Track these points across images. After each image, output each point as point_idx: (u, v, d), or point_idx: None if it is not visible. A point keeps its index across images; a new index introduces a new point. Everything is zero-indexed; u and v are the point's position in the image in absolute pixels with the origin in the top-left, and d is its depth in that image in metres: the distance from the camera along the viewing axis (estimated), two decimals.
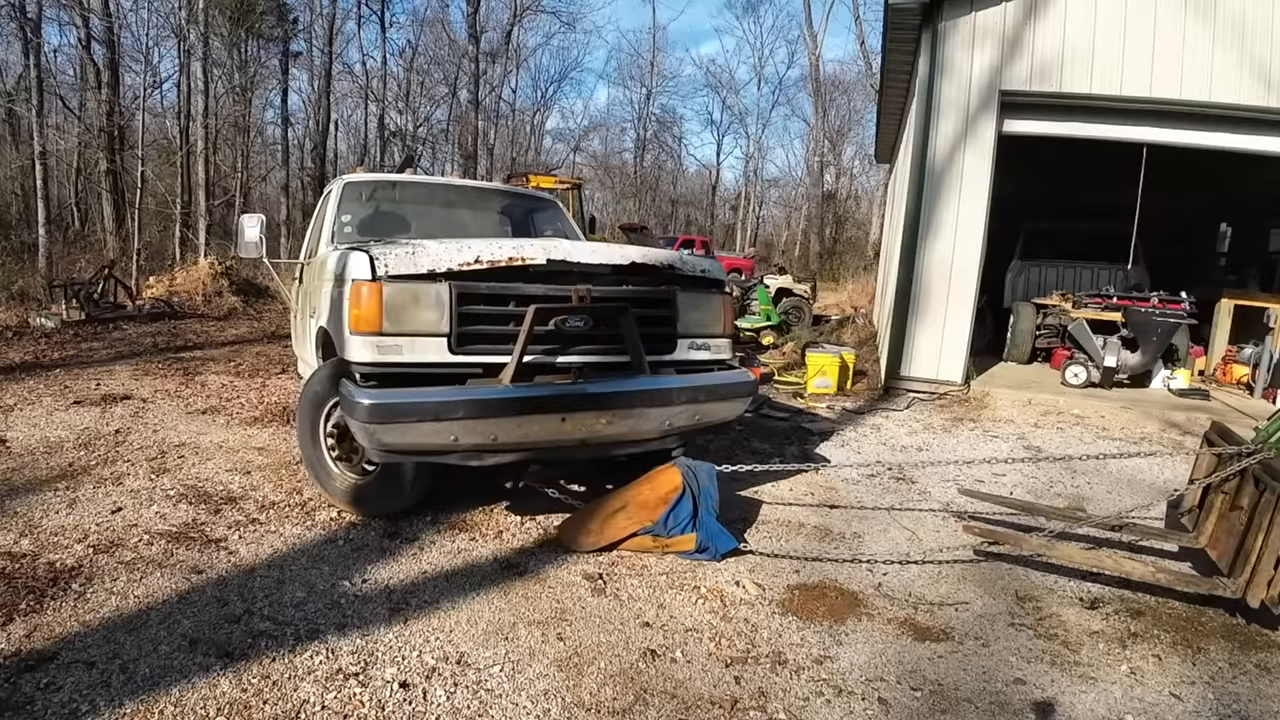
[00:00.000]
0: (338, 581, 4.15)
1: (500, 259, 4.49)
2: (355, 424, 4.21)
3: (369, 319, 4.27)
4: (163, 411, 7.65)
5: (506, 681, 3.30)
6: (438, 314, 4.36)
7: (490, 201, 7.75)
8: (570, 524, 4.83)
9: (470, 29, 37.66)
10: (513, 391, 4.40)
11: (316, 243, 6.74)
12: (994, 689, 3.43)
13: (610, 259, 4.82)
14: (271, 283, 19.15)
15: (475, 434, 4.32)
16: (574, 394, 4.52)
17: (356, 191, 6.84)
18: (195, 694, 3.10)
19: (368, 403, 4.08)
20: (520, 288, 4.54)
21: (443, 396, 4.26)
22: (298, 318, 7.08)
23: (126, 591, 3.92)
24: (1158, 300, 11.14)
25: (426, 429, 4.21)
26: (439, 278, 4.37)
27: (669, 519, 4.59)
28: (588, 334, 4.72)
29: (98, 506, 5.06)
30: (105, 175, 25.23)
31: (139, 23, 26.80)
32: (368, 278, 4.28)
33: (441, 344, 4.40)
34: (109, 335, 12.76)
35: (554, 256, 4.59)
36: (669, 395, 4.84)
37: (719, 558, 4.59)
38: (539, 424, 4.47)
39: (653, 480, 4.72)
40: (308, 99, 36.34)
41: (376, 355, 4.31)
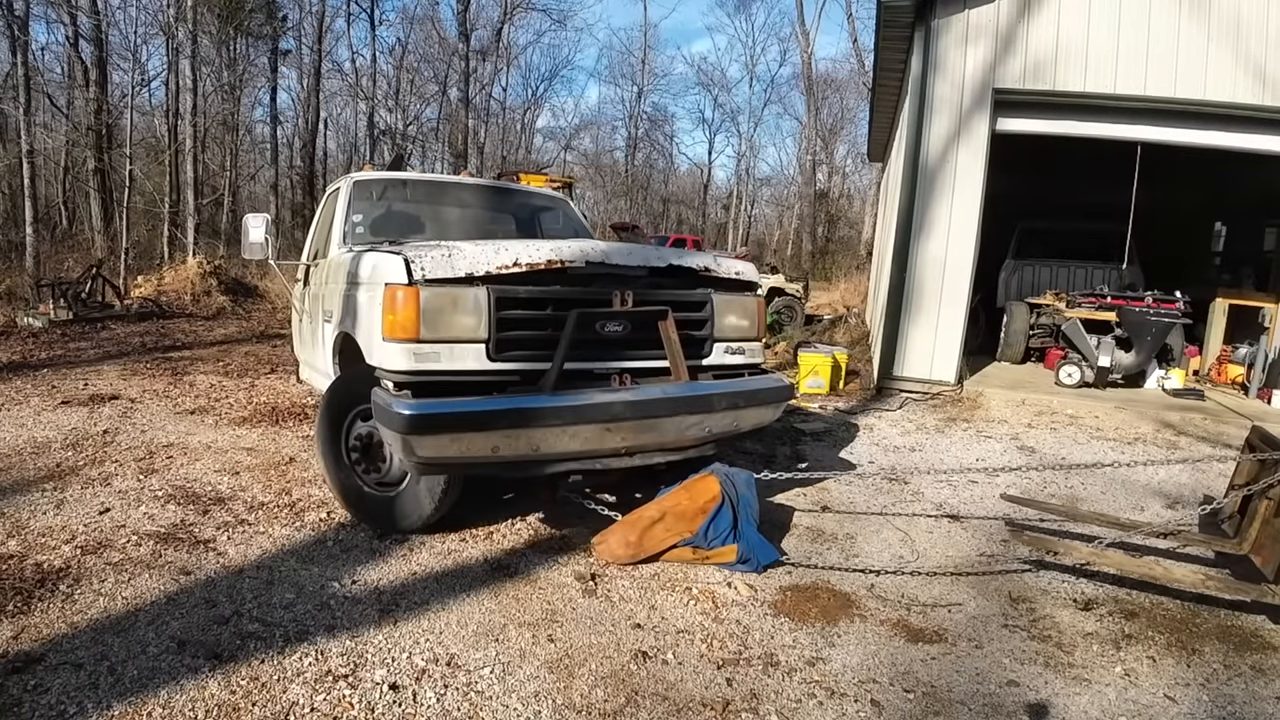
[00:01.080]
0: (327, 583, 4.13)
1: (539, 262, 4.34)
2: (392, 436, 4.03)
3: (405, 325, 4.10)
4: (151, 412, 7.62)
5: (497, 683, 3.29)
6: (476, 319, 4.20)
7: (503, 200, 7.55)
8: (607, 536, 4.64)
9: (460, 26, 37.69)
10: (558, 400, 4.25)
11: (324, 243, 6.47)
12: (987, 691, 3.42)
13: (648, 261, 4.71)
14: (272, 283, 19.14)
15: (517, 445, 4.17)
16: (618, 402, 4.38)
17: (367, 190, 6.59)
18: (184, 696, 3.08)
19: (408, 413, 3.89)
20: (559, 291, 4.41)
21: (486, 406, 4.10)
22: (303, 321, 6.88)
23: (114, 593, 3.90)
24: (1152, 300, 11.13)
25: (468, 440, 4.07)
26: (476, 281, 4.22)
27: (709, 530, 4.49)
28: (626, 339, 4.62)
29: (85, 507, 5.04)
30: (93, 174, 25.10)
31: (127, 20, 26.64)
32: (403, 281, 4.12)
33: (480, 351, 4.24)
34: (97, 335, 12.73)
35: (593, 259, 4.48)
36: (710, 402, 4.73)
37: (760, 569, 4.48)
38: (582, 433, 4.31)
39: (690, 489, 4.62)
40: (297, 97, 36.33)
41: (413, 363, 4.13)
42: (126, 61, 26.50)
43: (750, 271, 5.34)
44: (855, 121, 47.64)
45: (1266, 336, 10.95)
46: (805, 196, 47.32)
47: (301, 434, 7.05)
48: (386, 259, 4.31)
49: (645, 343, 4.70)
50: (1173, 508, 6.10)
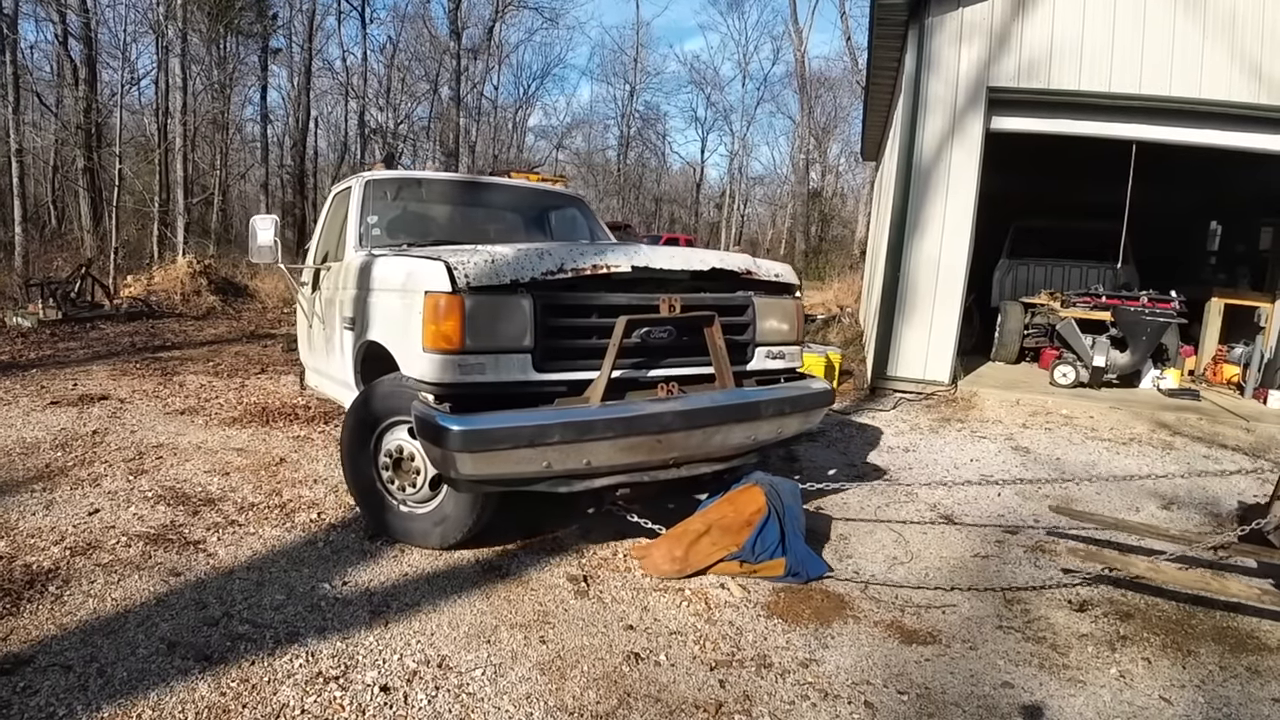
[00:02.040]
0: (318, 584, 4.12)
1: (584, 267, 4.20)
2: (440, 452, 3.84)
3: (448, 335, 3.93)
4: (140, 412, 7.59)
5: (488, 685, 3.28)
6: (522, 328, 4.05)
7: (520, 199, 7.24)
8: (651, 550, 4.57)
9: (452, 25, 37.52)
10: (611, 412, 4.11)
11: (336, 246, 6.20)
12: (982, 692, 3.42)
13: (690, 264, 4.58)
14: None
15: (570, 459, 4.02)
16: (669, 412, 4.24)
17: (381, 190, 6.28)
18: (173, 698, 3.07)
19: (458, 429, 3.73)
20: (604, 297, 4.29)
21: (538, 420, 3.94)
22: (313, 327, 6.59)
23: (104, 594, 3.89)
24: (1147, 299, 11.10)
25: (520, 456, 3.91)
26: (520, 288, 4.06)
27: (756, 544, 4.36)
28: (671, 345, 4.52)
29: (75, 508, 5.02)
30: (82, 173, 24.97)
31: (116, 19, 26.47)
32: (446, 289, 3.95)
33: (525, 361, 4.10)
34: (86, 335, 12.68)
35: (637, 263, 4.33)
36: (757, 409, 4.62)
37: (807, 581, 4.40)
38: (635, 445, 4.17)
39: (734, 501, 4.52)
40: (287, 96, 36.19)
41: (457, 375, 3.98)
42: (116, 60, 26.33)
43: (789, 273, 5.22)
44: (849, 120, 47.67)
45: (1262, 336, 10.97)
46: (798, 195, 47.39)
47: (292, 434, 7.03)
48: (426, 265, 4.15)
49: (689, 349, 4.59)
50: (1168, 509, 6.10)
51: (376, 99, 38.86)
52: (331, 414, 7.70)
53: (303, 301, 6.80)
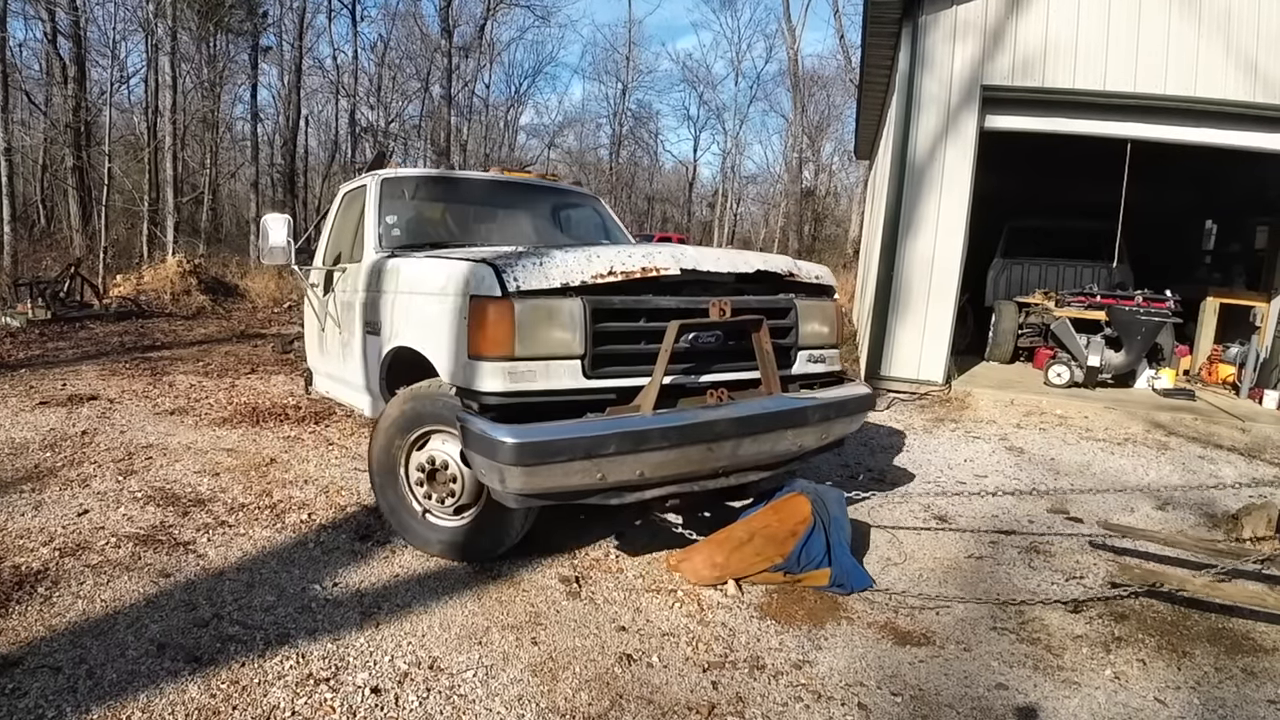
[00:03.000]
0: (308, 585, 4.11)
1: (634, 269, 4.07)
2: (493, 466, 3.67)
3: (498, 341, 3.79)
4: (130, 412, 7.56)
5: (480, 687, 3.28)
6: (573, 333, 3.91)
7: (537, 198, 7.02)
8: (691, 555, 4.46)
9: (443, 23, 37.50)
10: (666, 420, 3.97)
11: (351, 247, 6.02)
12: (975, 694, 3.42)
13: (736, 266, 4.47)
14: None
15: (624, 470, 3.87)
16: (723, 420, 4.11)
17: (397, 189, 6.08)
18: (163, 699, 3.06)
19: (513, 441, 3.57)
20: (653, 301, 4.16)
21: (595, 430, 3.79)
22: (325, 330, 6.34)
23: (93, 595, 3.88)
24: (1142, 299, 11.08)
25: (575, 468, 3.75)
26: (570, 292, 3.92)
27: (801, 555, 4.28)
28: (719, 350, 4.40)
29: (64, 509, 5.01)
30: (71, 172, 24.92)
31: (106, 17, 26.50)
32: (496, 294, 3.80)
33: (575, 367, 3.96)
34: (75, 335, 12.64)
35: (685, 265, 4.20)
36: (805, 414, 4.50)
37: (850, 593, 4.30)
38: (688, 454, 4.05)
39: (779, 510, 4.40)
40: (278, 94, 36.05)
41: (508, 383, 3.83)
42: (105, 58, 26.34)
43: (828, 275, 5.14)
44: (842, 119, 47.60)
45: (1258, 336, 10.95)
46: (791, 194, 47.32)
47: (282, 435, 7.02)
48: (473, 268, 3.99)
49: (736, 353, 4.47)
50: (1163, 509, 6.10)
51: (367, 97, 38.78)
52: (322, 414, 7.69)
53: (314, 304, 6.56)
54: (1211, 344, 12.36)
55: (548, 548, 4.72)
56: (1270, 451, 8.08)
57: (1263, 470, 7.35)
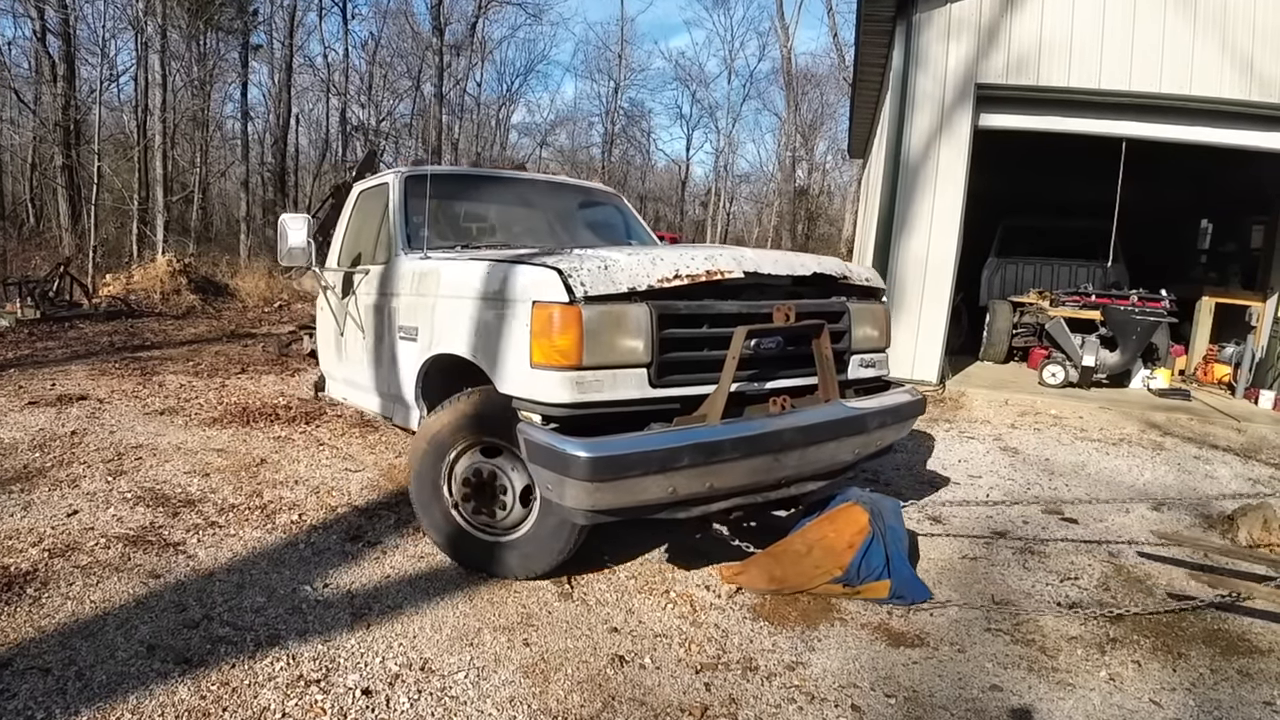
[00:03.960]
0: (299, 586, 4.10)
1: (698, 273, 3.92)
2: (563, 481, 3.51)
3: (565, 350, 3.60)
4: (120, 412, 7.53)
5: (471, 688, 3.27)
6: (640, 340, 3.74)
7: (561, 196, 6.82)
8: (748, 567, 4.36)
9: (434, 21, 37.39)
10: (737, 430, 3.83)
11: (374, 247, 5.82)
12: (970, 695, 3.41)
13: (794, 269, 4.36)
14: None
15: (695, 483, 3.74)
16: (790, 429, 4.01)
17: (421, 187, 5.74)
18: (153, 701, 3.05)
19: (587, 456, 3.39)
20: (716, 305, 4.02)
21: (669, 442, 3.62)
22: (344, 335, 6.06)
23: (83, 596, 3.87)
24: (1137, 298, 11.14)
25: (649, 483, 3.59)
26: (635, 297, 3.76)
27: (860, 567, 4.16)
28: (778, 356, 4.26)
29: (53, 509, 4.99)
30: (61, 171, 24.78)
31: (95, 15, 26.29)
32: (562, 300, 3.61)
33: (642, 376, 3.78)
34: (65, 334, 12.59)
35: (747, 268, 4.07)
36: (864, 422, 4.39)
37: (910, 605, 4.21)
38: (755, 464, 3.93)
39: (835, 521, 4.29)
40: (268, 93, 35.82)
41: (575, 394, 3.64)
42: (95, 56, 26.19)
43: (877, 277, 5.06)
44: (835, 117, 47.41)
45: (1253, 335, 10.99)
46: (785, 193, 47.34)
47: (273, 435, 7.00)
48: (534, 272, 3.82)
49: (795, 359, 4.34)
50: (1159, 509, 6.11)
51: (358, 96, 38.69)
52: (313, 414, 7.67)
53: (332, 307, 6.26)
54: (1207, 344, 12.43)
55: None
56: (1266, 452, 8.11)
57: (1259, 470, 7.37)
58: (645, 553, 4.73)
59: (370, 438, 7.00)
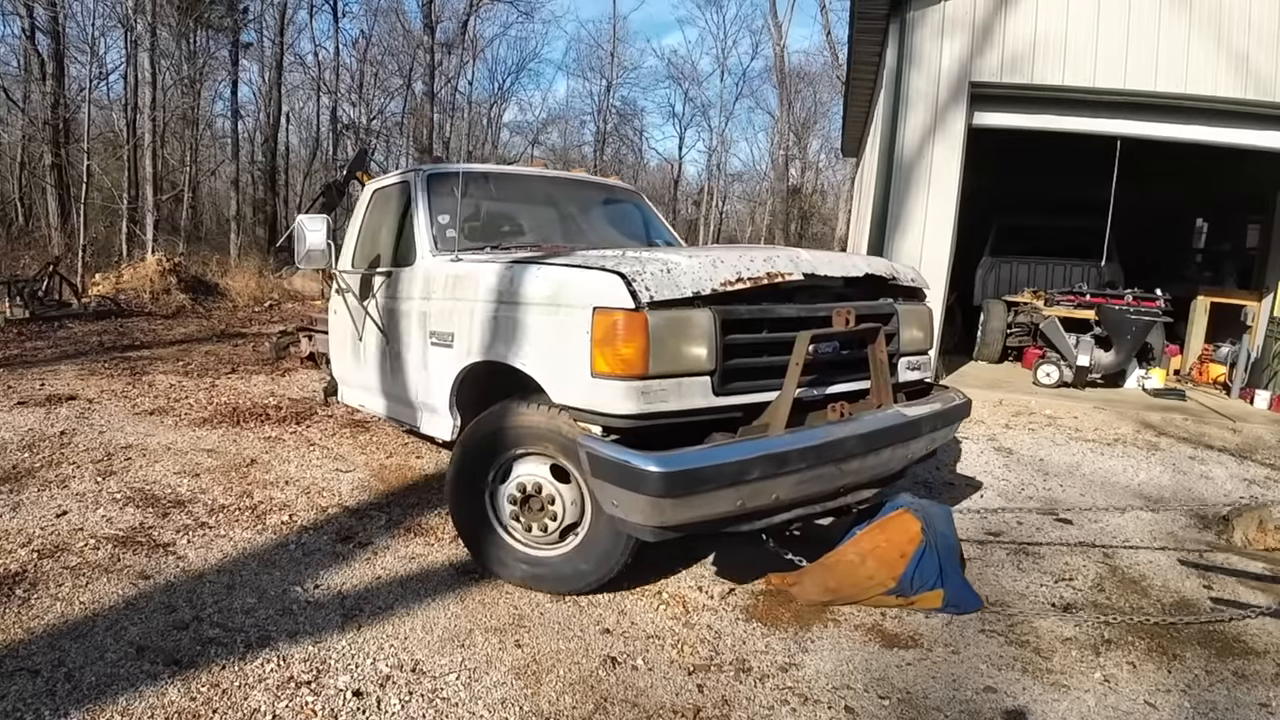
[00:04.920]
0: (289, 587, 4.08)
1: (759, 275, 3.80)
2: (633, 498, 3.39)
3: (629, 359, 3.47)
4: (109, 412, 7.50)
5: (463, 690, 3.26)
6: (705, 347, 3.61)
7: (584, 194, 6.67)
8: (802, 578, 4.23)
9: (425, 19, 37.33)
10: (805, 440, 3.71)
11: (395, 248, 5.62)
12: (964, 697, 3.41)
13: (846, 270, 4.27)
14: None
15: (762, 495, 3.62)
16: (852, 437, 3.90)
17: (446, 186, 5.53)
18: (143, 703, 3.04)
19: (662, 471, 3.27)
20: (777, 309, 3.91)
21: (741, 454, 3.51)
22: (363, 339, 5.86)
23: (72, 597, 3.85)
24: (1132, 298, 11.12)
25: (720, 497, 3.48)
26: (698, 302, 3.63)
27: (914, 578, 4.07)
28: (834, 360, 4.17)
29: (42, 510, 4.97)
30: (50, 169, 24.64)
31: (85, 13, 26.12)
32: (627, 306, 3.47)
33: (706, 384, 3.66)
34: (54, 334, 12.53)
35: (805, 270, 3.98)
36: (919, 427, 4.30)
37: (962, 614, 4.14)
38: (820, 474, 3.82)
39: (885, 529, 4.18)
40: (258, 91, 35.67)
41: (641, 405, 3.51)
42: (84, 55, 26.00)
43: (921, 277, 4.98)
44: (829, 116, 47.22)
45: (1249, 335, 10.98)
46: (778, 192, 47.28)
47: (263, 435, 6.97)
48: (597, 277, 3.66)
49: (850, 363, 4.26)
50: (1154, 509, 6.12)
51: (349, 94, 38.55)
52: (303, 415, 7.65)
53: (350, 310, 6.01)
54: (1202, 343, 12.43)
55: None
56: (1262, 452, 8.12)
57: (1254, 471, 7.37)
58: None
59: (361, 438, 6.98)
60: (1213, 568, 5.01)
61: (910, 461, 4.55)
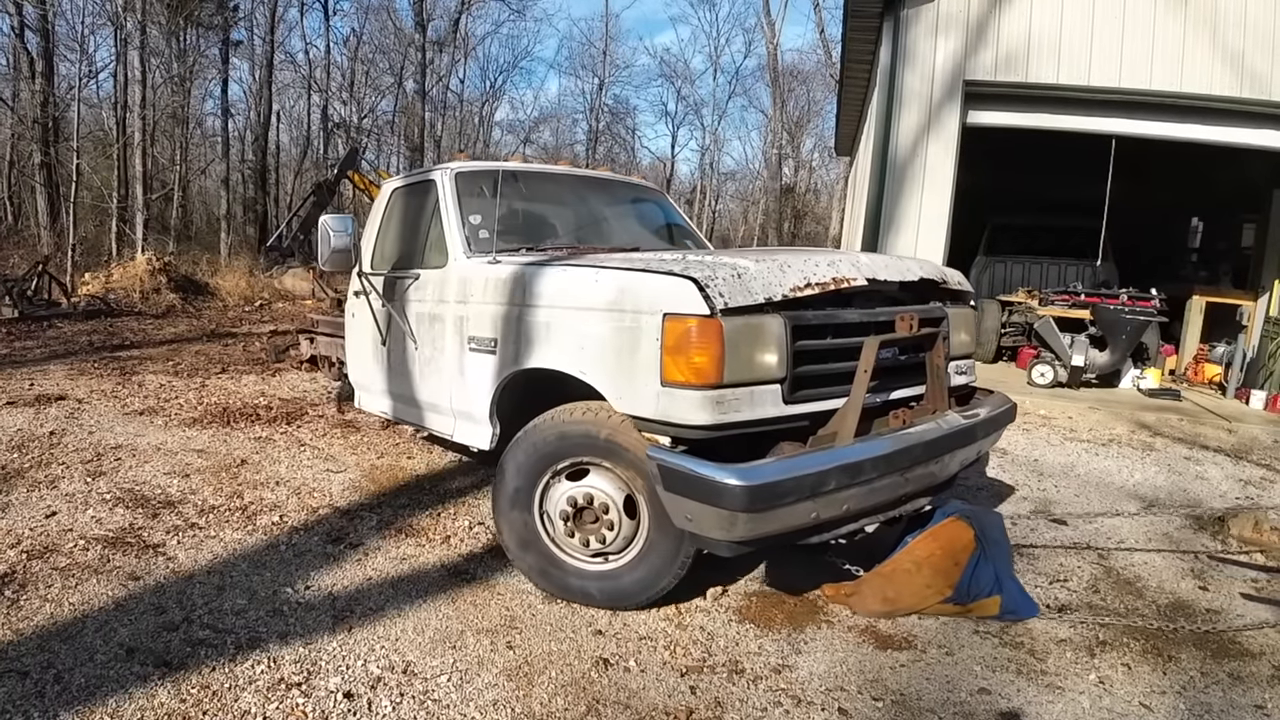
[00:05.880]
0: (280, 588, 4.07)
1: (826, 280, 3.73)
2: (712, 513, 3.29)
3: (702, 367, 3.37)
4: (99, 412, 7.47)
5: (454, 691, 3.25)
6: (776, 354, 3.52)
7: (611, 192, 6.54)
8: (860, 587, 4.16)
9: (417, 17, 37.23)
10: (875, 449, 3.64)
11: (424, 250, 5.43)
12: (958, 699, 3.40)
13: (902, 274, 4.20)
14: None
15: (833, 507, 3.53)
16: (921, 444, 3.84)
17: (474, 185, 5.38)
18: (132, 704, 3.03)
19: (744, 485, 3.19)
20: (840, 315, 3.84)
21: (819, 465, 3.43)
22: (389, 344, 5.67)
23: (61, 598, 3.83)
24: (1127, 297, 11.14)
25: (798, 509, 3.40)
26: (769, 308, 3.54)
27: (970, 586, 4.05)
28: (893, 366, 4.08)
29: (31, 510, 4.94)
30: (39, 168, 24.59)
31: (74, 11, 26.18)
32: (702, 312, 3.38)
33: (776, 393, 3.57)
34: (43, 334, 12.48)
35: (867, 274, 3.91)
36: (974, 433, 4.25)
37: (1019, 621, 4.11)
38: (888, 483, 3.74)
39: (939, 537, 4.11)
40: (249, 89, 35.64)
41: (715, 415, 3.41)
42: (73, 53, 26.05)
43: (965, 281, 4.90)
44: (822, 114, 47.24)
45: (1244, 335, 11.01)
46: (771, 191, 47.26)
47: (253, 435, 6.95)
48: (667, 282, 3.56)
49: (905, 369, 4.19)
50: (1150, 509, 6.10)
51: (340, 92, 38.50)
52: (294, 415, 7.63)
53: (375, 313, 5.79)
54: (1198, 343, 12.43)
55: None
56: (1257, 452, 8.11)
57: (1250, 471, 7.36)
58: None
59: (352, 438, 6.96)
60: (1209, 569, 5.01)
61: (963, 467, 4.50)
